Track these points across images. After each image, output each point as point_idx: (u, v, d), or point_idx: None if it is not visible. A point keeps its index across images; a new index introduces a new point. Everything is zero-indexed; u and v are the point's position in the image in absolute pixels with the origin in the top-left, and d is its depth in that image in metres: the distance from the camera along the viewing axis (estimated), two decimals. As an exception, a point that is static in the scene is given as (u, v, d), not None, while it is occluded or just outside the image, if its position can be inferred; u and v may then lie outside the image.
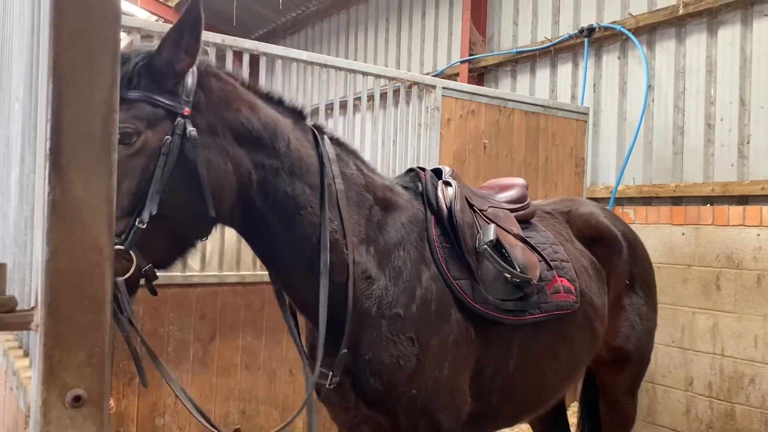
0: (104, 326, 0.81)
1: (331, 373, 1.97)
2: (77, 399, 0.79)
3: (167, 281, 3.34)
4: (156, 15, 10.55)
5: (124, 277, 1.56)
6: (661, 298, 3.20)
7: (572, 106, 5.37)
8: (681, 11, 4.80)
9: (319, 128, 2.10)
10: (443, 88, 4.52)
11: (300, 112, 2.07)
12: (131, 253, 1.59)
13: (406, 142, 4.45)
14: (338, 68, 4.09)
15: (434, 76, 5.97)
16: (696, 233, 4.58)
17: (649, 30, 5.13)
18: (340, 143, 2.16)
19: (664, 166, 4.98)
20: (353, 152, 2.20)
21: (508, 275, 2.19)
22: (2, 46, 3.31)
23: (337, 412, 2.19)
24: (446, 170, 2.40)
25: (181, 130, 1.67)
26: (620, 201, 5.18)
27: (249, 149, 1.85)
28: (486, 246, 2.18)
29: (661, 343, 4.65)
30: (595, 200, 4.68)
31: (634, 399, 3.06)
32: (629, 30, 5.17)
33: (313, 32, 9.95)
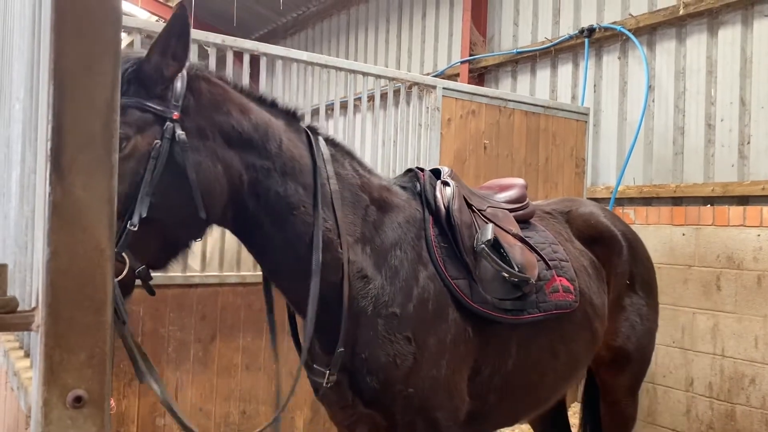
0: (105, 327, 0.81)
1: (328, 372, 1.98)
2: (78, 399, 0.79)
3: (168, 281, 3.34)
4: (156, 15, 10.55)
5: (117, 279, 1.59)
6: (662, 299, 3.20)
7: (572, 107, 5.37)
8: (681, 12, 4.80)
9: (314, 129, 2.11)
10: (443, 89, 4.53)
11: (294, 114, 2.08)
12: (123, 255, 1.63)
13: (407, 143, 4.45)
14: (338, 69, 4.09)
15: (434, 77, 5.98)
16: (696, 233, 4.58)
17: (650, 30, 5.13)
18: (336, 144, 2.17)
19: (665, 167, 4.98)
20: (349, 153, 2.21)
21: (506, 274, 2.19)
22: (3, 47, 3.32)
23: (335, 411, 2.20)
24: (445, 170, 2.40)
25: (170, 134, 1.70)
26: (621, 201, 5.18)
27: (239, 151, 1.87)
28: (484, 245, 2.19)
29: (662, 344, 4.65)
30: (596, 201, 4.67)
31: (635, 399, 3.06)
32: (630, 30, 5.17)
33: (314, 33, 9.95)
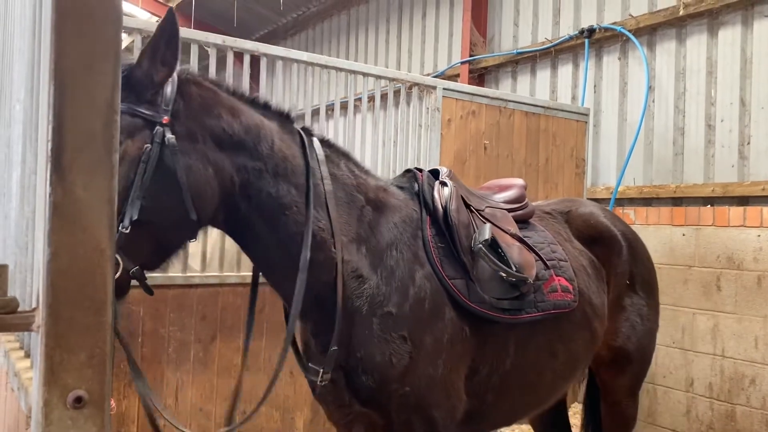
0: (105, 327, 0.81)
1: (322, 371, 1.99)
2: (78, 400, 0.79)
3: (168, 282, 3.34)
4: (157, 16, 10.56)
5: None
6: (662, 299, 3.20)
7: (573, 107, 5.37)
8: (681, 12, 4.80)
9: (307, 130, 2.13)
10: (444, 89, 4.53)
11: (287, 115, 2.10)
12: (117, 257, 1.65)
13: (407, 143, 4.45)
14: (339, 69, 4.09)
15: (435, 77, 5.97)
16: (696, 234, 4.58)
17: (650, 31, 5.13)
18: (331, 145, 2.19)
19: (665, 167, 4.98)
20: (345, 154, 2.23)
21: (504, 274, 2.20)
22: (4, 48, 3.32)
23: (332, 410, 2.21)
24: (443, 171, 2.42)
25: (160, 138, 1.72)
26: (621, 202, 5.18)
27: (230, 153, 1.88)
28: (481, 245, 2.20)
29: (662, 344, 4.65)
30: (596, 201, 4.67)
31: (635, 400, 3.06)
32: (630, 31, 5.17)
33: (314, 33, 9.96)
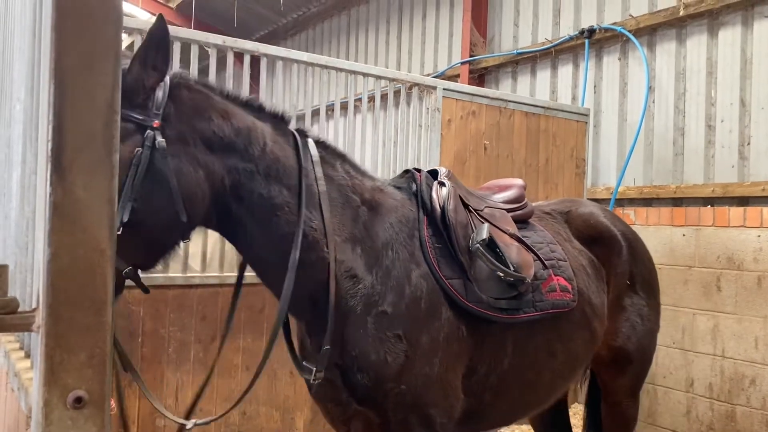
0: (105, 327, 0.81)
1: (315, 369, 2.01)
2: (78, 400, 0.79)
3: (168, 282, 3.34)
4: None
5: None
6: (662, 300, 3.19)
7: (573, 108, 5.37)
8: (681, 12, 4.80)
9: (302, 132, 2.14)
10: (444, 89, 4.53)
11: (282, 117, 2.12)
12: None
13: (407, 143, 4.45)
14: (339, 69, 4.09)
15: (435, 78, 5.98)
16: (696, 234, 4.58)
17: (650, 31, 5.13)
18: (326, 146, 2.21)
19: (665, 168, 4.98)
20: (340, 155, 2.24)
21: (501, 274, 2.21)
22: (4, 48, 3.32)
23: (330, 408, 2.22)
24: (442, 171, 2.43)
25: (151, 142, 1.75)
26: (621, 202, 5.18)
27: (221, 155, 1.91)
28: (479, 245, 2.20)
29: (662, 345, 4.64)
30: (596, 201, 4.67)
31: (636, 400, 3.05)
32: (630, 31, 5.17)
33: (314, 33, 9.96)
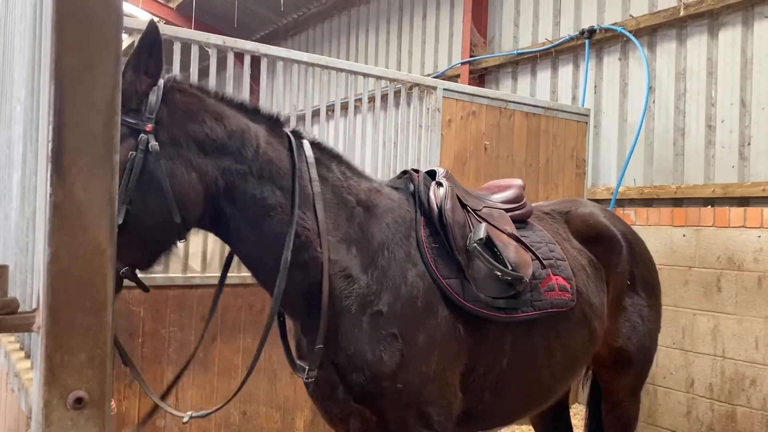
0: (105, 328, 0.81)
1: (307, 368, 2.03)
2: (79, 401, 0.79)
3: (168, 282, 3.34)
4: (157, 16, 10.56)
5: None
6: (662, 300, 3.19)
7: (573, 108, 5.37)
8: (682, 13, 4.80)
9: (297, 134, 2.16)
10: (444, 90, 4.53)
11: (276, 119, 2.14)
12: None
13: (407, 144, 4.45)
14: (339, 70, 4.09)
15: (435, 78, 5.98)
16: (697, 235, 4.58)
17: (650, 31, 5.13)
18: (322, 148, 2.23)
19: (665, 168, 4.98)
20: (336, 156, 2.26)
21: (499, 273, 2.21)
22: (4, 48, 3.32)
23: (327, 406, 2.23)
24: (440, 171, 2.44)
25: (144, 146, 1.78)
26: (621, 202, 5.18)
27: (214, 157, 1.93)
28: (476, 244, 2.20)
29: (662, 345, 4.64)
30: (596, 202, 4.67)
31: (637, 400, 3.05)
32: (630, 32, 5.17)
33: (314, 34, 9.96)
